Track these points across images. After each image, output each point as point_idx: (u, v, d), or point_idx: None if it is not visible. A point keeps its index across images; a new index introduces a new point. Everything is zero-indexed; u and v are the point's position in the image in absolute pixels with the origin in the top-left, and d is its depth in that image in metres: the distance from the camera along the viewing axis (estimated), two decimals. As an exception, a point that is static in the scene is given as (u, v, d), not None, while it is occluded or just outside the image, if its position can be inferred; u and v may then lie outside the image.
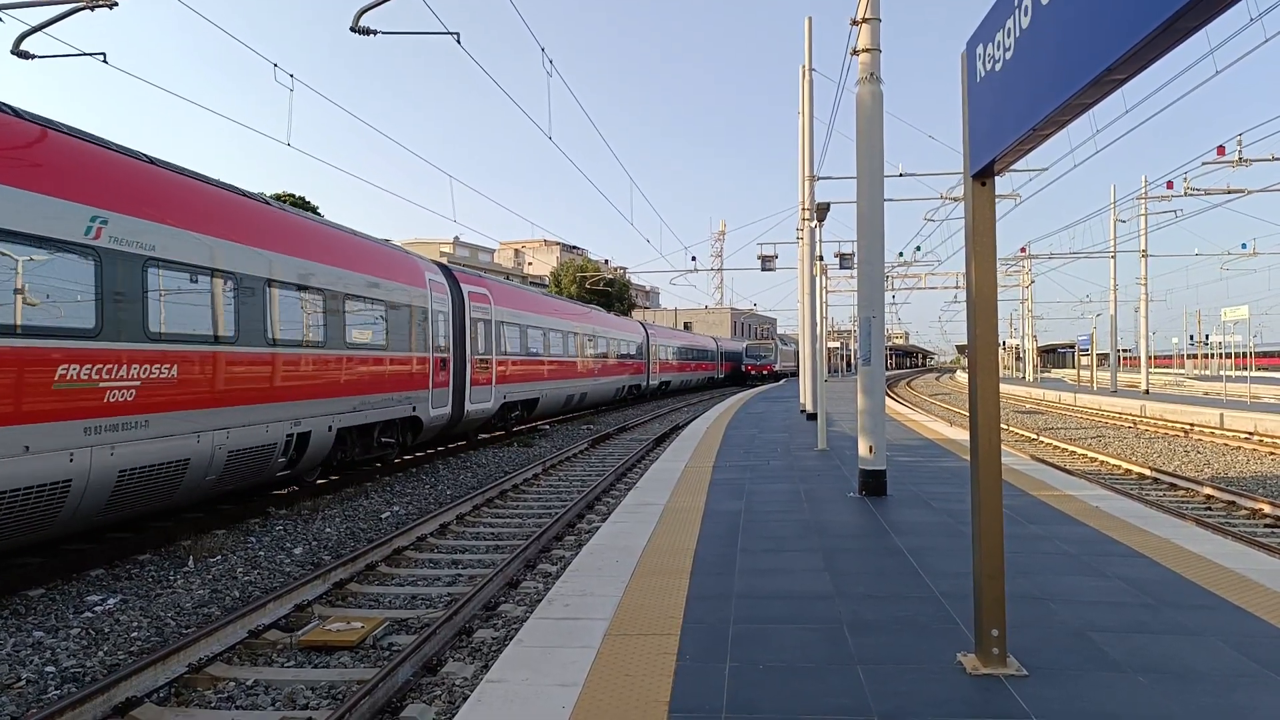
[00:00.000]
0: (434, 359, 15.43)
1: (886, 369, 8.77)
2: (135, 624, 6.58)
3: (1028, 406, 36.13)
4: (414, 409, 14.57)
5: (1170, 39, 2.41)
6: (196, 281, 9.02)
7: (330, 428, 11.65)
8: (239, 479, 9.89)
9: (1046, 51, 3.09)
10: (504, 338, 19.62)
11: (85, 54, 10.16)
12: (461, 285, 17.51)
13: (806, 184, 19.40)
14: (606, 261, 58.66)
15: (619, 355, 32.44)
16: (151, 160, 8.97)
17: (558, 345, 24.04)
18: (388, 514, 11.12)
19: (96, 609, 6.95)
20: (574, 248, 79.04)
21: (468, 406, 17.26)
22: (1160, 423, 24.57)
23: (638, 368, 35.74)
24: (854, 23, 9.06)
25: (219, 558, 8.64)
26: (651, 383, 38.81)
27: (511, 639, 4.74)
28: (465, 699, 4.70)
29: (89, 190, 7.69)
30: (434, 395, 15.44)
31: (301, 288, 11.10)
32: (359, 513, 11.10)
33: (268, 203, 11.11)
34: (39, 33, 9.69)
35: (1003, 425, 5.23)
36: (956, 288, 51.63)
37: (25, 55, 9.89)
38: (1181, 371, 75.10)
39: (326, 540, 9.59)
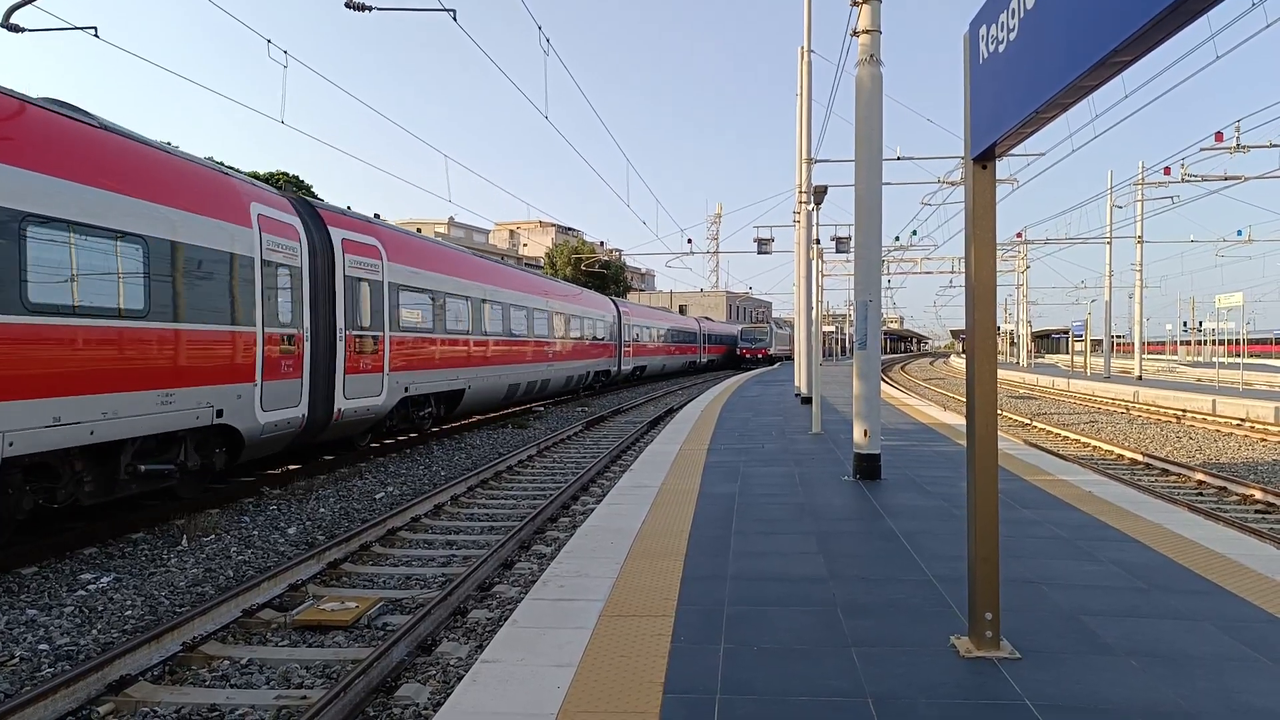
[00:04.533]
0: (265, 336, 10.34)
1: (881, 354, 8.77)
2: (129, 602, 6.58)
3: (1021, 392, 36.23)
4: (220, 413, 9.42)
5: (1178, 20, 2.38)
6: None
7: None
8: None
9: (1051, 33, 3.05)
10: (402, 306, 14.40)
11: (77, 28, 10.02)
12: (330, 229, 12.28)
13: (804, 167, 19.31)
14: (602, 243, 58.37)
15: (587, 336, 27.82)
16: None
17: (497, 321, 19.28)
18: (382, 494, 11.12)
19: (90, 587, 6.94)
20: (569, 229, 78.65)
21: (340, 404, 12.28)
22: (1153, 408, 24.67)
23: (607, 350, 30.98)
24: (854, 4, 8.98)
25: (213, 537, 8.63)
26: (624, 368, 34.06)
27: (506, 619, 4.75)
28: (460, 679, 4.71)
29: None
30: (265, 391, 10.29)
31: None
32: (353, 493, 11.10)
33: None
34: (29, 5, 9.55)
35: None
36: (952, 272, 51.69)
37: (15, 28, 9.75)
38: (1175, 358, 75.40)
39: (320, 520, 9.59)
